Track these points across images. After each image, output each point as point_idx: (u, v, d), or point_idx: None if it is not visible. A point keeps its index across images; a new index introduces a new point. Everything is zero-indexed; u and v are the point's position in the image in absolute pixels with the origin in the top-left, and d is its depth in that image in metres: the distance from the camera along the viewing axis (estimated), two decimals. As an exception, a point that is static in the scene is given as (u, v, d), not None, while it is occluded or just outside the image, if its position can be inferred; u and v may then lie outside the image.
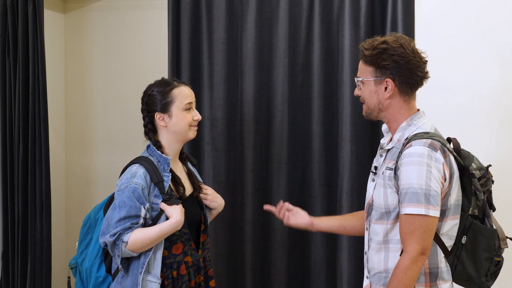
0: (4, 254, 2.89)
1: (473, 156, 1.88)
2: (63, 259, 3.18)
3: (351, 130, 2.65)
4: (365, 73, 1.90)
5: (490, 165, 1.92)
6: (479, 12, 2.61)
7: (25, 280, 2.81)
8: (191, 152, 2.81)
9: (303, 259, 2.79)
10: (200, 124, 2.81)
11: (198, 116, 2.18)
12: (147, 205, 2.04)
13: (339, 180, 2.71)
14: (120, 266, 2.06)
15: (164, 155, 2.12)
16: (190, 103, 2.16)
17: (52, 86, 2.99)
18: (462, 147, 1.95)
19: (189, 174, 2.26)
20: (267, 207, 2.30)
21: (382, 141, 1.99)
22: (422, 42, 2.62)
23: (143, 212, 2.03)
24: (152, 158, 2.12)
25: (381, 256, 1.88)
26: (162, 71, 2.83)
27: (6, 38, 2.82)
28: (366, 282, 1.96)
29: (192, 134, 2.18)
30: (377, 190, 1.89)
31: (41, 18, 2.75)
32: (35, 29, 2.76)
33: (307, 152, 2.76)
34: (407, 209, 1.74)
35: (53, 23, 3.14)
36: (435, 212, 1.74)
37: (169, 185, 2.11)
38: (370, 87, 1.89)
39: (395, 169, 1.81)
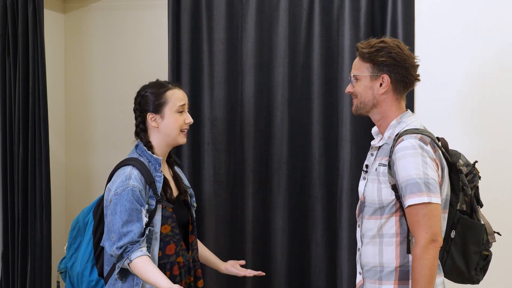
0: (4, 254, 2.88)
1: (460, 153, 1.95)
2: (63, 259, 3.18)
3: (351, 130, 2.65)
4: (360, 69, 1.97)
5: (476, 162, 1.98)
6: (479, 12, 2.60)
7: (25, 280, 2.81)
8: (191, 153, 2.81)
9: (303, 259, 2.79)
10: (200, 124, 2.82)
11: (189, 120, 2.18)
12: (146, 206, 2.04)
13: (339, 180, 2.71)
14: (118, 276, 2.04)
15: (155, 156, 2.12)
16: (183, 105, 2.17)
17: (52, 86, 2.99)
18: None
19: (175, 177, 2.26)
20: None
21: (372, 142, 2.05)
22: (422, 42, 2.63)
23: (143, 214, 2.02)
24: (142, 159, 2.12)
25: (376, 250, 1.91)
26: (162, 71, 2.83)
27: (6, 38, 2.82)
28: (359, 278, 2.00)
29: (181, 139, 2.18)
30: (368, 187, 1.94)
31: (41, 18, 2.75)
32: (35, 29, 2.75)
33: (307, 152, 2.76)
34: (410, 201, 1.78)
35: (53, 23, 3.14)
36: (437, 199, 1.79)
37: (163, 186, 2.12)
38: (365, 83, 1.96)
39: (389, 165, 1.86)
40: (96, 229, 2.19)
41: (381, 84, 1.93)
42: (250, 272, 2.34)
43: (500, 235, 2.01)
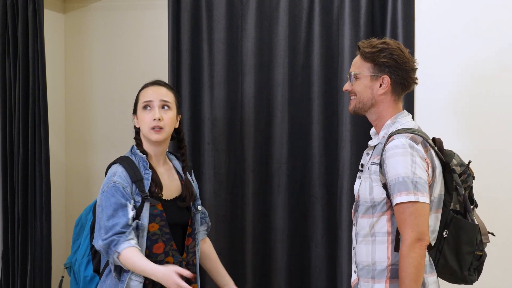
0: (4, 254, 2.88)
1: (454, 153, 1.96)
2: (63, 259, 3.17)
3: (351, 130, 2.65)
4: (361, 68, 1.98)
5: (470, 161, 1.99)
6: (479, 12, 2.61)
7: (25, 280, 2.81)
8: (191, 152, 2.81)
9: (303, 259, 2.79)
10: (200, 124, 2.82)
11: (155, 116, 2.11)
12: (132, 202, 2.05)
13: (339, 180, 2.71)
14: (114, 274, 2.04)
15: (140, 154, 2.14)
16: (148, 101, 2.14)
17: (52, 86, 2.99)
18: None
19: (185, 181, 2.23)
20: None
21: (370, 142, 2.06)
22: (422, 42, 2.63)
23: (130, 208, 2.02)
24: (134, 158, 2.14)
25: (368, 248, 1.92)
26: (162, 71, 2.83)
27: (6, 38, 2.82)
28: (354, 276, 2.02)
29: (151, 135, 2.13)
30: (362, 186, 1.96)
31: (41, 18, 2.75)
32: (35, 29, 2.75)
33: (307, 152, 2.76)
34: (398, 199, 1.81)
35: (53, 23, 3.14)
36: (425, 198, 1.80)
37: (150, 184, 2.11)
38: (365, 82, 1.97)
39: (380, 163, 1.88)
40: (93, 226, 2.19)
41: (380, 85, 1.95)
42: None
43: (494, 235, 2.02)
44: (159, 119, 2.11)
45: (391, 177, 1.82)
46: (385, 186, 1.87)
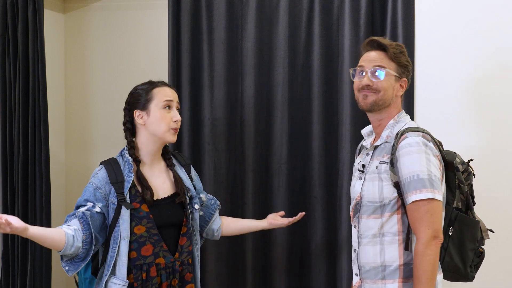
0: (4, 254, 2.88)
1: (455, 152, 1.98)
2: (63, 259, 3.18)
3: (351, 130, 2.65)
4: (389, 66, 1.95)
5: (471, 160, 2.00)
6: (479, 12, 2.61)
7: (25, 280, 2.81)
8: (191, 152, 2.81)
9: (303, 259, 2.79)
10: (200, 124, 2.82)
11: (177, 117, 2.14)
12: (99, 204, 2.05)
13: (339, 180, 2.71)
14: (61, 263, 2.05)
15: (127, 156, 2.12)
16: (170, 101, 2.14)
17: (52, 86, 2.99)
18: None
19: (174, 178, 2.21)
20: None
21: (364, 143, 2.06)
22: (422, 42, 2.63)
23: (88, 205, 2.04)
24: (120, 159, 2.14)
25: (376, 249, 1.91)
26: (162, 71, 2.83)
27: (6, 38, 2.82)
28: (355, 279, 2.00)
29: (170, 137, 2.14)
30: (367, 186, 1.94)
31: (41, 18, 2.75)
32: (35, 29, 2.76)
33: (307, 152, 2.76)
34: (414, 197, 1.80)
35: (53, 23, 3.14)
36: (440, 196, 1.81)
37: (135, 186, 2.09)
38: (391, 81, 1.95)
39: (391, 162, 1.86)
40: None
41: (400, 86, 1.97)
42: (293, 219, 2.35)
43: (493, 232, 2.03)
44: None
45: (405, 175, 1.81)
46: (396, 184, 1.86)
